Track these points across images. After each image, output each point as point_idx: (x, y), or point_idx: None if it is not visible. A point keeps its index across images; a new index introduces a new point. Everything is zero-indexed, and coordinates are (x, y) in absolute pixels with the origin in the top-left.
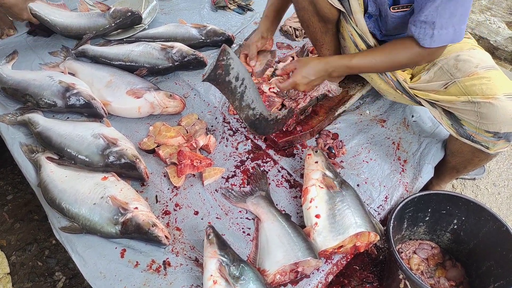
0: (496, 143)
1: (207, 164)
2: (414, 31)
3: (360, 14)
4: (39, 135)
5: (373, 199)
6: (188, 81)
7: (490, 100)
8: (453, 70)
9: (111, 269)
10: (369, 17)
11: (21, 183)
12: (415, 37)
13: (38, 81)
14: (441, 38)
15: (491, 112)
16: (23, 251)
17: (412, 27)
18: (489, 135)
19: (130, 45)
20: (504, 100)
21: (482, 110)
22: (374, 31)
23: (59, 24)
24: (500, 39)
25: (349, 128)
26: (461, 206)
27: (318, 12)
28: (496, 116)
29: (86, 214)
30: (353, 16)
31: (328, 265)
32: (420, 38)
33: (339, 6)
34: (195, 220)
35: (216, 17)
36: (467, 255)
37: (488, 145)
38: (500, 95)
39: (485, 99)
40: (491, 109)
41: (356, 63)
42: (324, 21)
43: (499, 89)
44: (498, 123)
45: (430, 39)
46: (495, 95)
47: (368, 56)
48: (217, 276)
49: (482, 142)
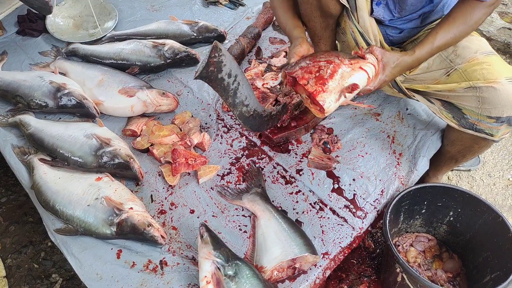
0: (499, 129)
1: (202, 162)
2: None
3: (365, 11)
4: (31, 136)
5: (369, 193)
6: (181, 78)
7: (492, 84)
8: (452, 57)
9: (107, 270)
10: (378, 3)
11: (14, 185)
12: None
13: (28, 82)
14: None
15: (493, 96)
16: (19, 254)
17: None
18: (491, 121)
19: (121, 43)
20: (505, 83)
21: (484, 94)
22: (383, 18)
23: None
24: (493, 29)
25: (344, 123)
26: (457, 198)
27: (322, 7)
28: (499, 100)
29: (80, 215)
30: (356, 13)
31: (325, 261)
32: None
33: (344, 2)
34: (191, 218)
35: (208, 13)
36: (464, 247)
37: (492, 132)
38: (502, 79)
39: (486, 83)
40: (493, 93)
41: (440, 43)
42: (326, 16)
43: (500, 73)
44: (500, 107)
45: None
46: (497, 79)
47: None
48: (211, 279)
49: (486, 130)
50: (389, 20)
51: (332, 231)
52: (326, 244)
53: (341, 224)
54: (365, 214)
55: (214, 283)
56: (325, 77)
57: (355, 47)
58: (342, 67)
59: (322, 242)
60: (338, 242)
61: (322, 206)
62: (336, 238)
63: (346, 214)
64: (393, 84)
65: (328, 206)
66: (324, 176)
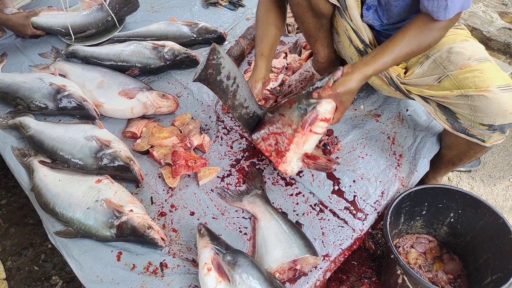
0: (492, 136)
1: (202, 164)
2: (427, 5)
3: (356, 10)
4: (31, 138)
5: (370, 195)
6: (181, 80)
7: (483, 93)
8: (446, 63)
9: (107, 272)
10: (368, 8)
11: (14, 187)
12: (429, 11)
13: (28, 84)
14: (454, 6)
15: (485, 105)
16: (19, 256)
17: (424, 1)
18: (484, 128)
19: (121, 44)
20: (497, 92)
21: (476, 103)
22: (373, 23)
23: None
24: (493, 29)
25: (343, 124)
26: (457, 199)
27: (313, 7)
28: (490, 109)
29: (80, 218)
30: (348, 12)
31: (326, 263)
32: (434, 11)
33: (334, 1)
34: (192, 220)
35: (208, 14)
36: (465, 248)
37: (484, 138)
38: (493, 87)
39: (478, 92)
40: (484, 102)
41: (383, 62)
42: (318, 16)
43: (491, 81)
44: (492, 115)
45: (445, 11)
46: (488, 87)
47: (392, 50)
48: (211, 264)
49: (478, 136)
50: (379, 25)
51: (333, 233)
52: (326, 246)
53: (341, 226)
54: (365, 215)
55: (215, 268)
56: (282, 150)
57: (350, 45)
58: (295, 138)
59: (323, 244)
60: (338, 244)
61: (322, 207)
62: (337, 240)
63: (347, 216)
64: (390, 82)
65: (328, 208)
66: (324, 177)
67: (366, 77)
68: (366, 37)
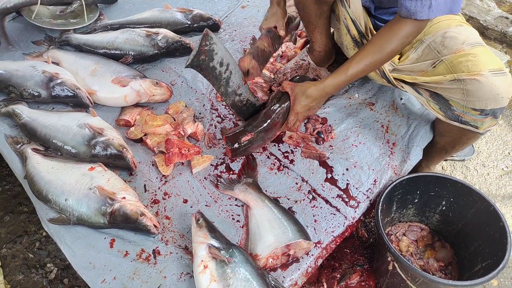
0: (484, 121)
1: (195, 152)
2: (410, 6)
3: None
4: (24, 126)
5: (362, 183)
6: (175, 68)
7: (475, 77)
8: (440, 48)
9: (100, 259)
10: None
11: (9, 175)
12: (411, 12)
13: (21, 72)
14: (439, 7)
15: (477, 89)
16: (14, 244)
17: (406, 2)
18: (476, 113)
19: (115, 32)
20: (489, 76)
21: (468, 87)
22: (369, 5)
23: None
24: (490, 18)
25: (338, 112)
26: (449, 187)
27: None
28: (482, 93)
29: (73, 205)
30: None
31: (317, 249)
32: (418, 11)
33: None
34: (185, 208)
35: (202, 1)
36: (456, 236)
37: (477, 124)
38: (485, 71)
39: (470, 76)
40: (476, 86)
41: (353, 72)
42: (320, 2)
43: (484, 65)
44: (484, 99)
45: (429, 10)
46: (480, 71)
47: (362, 59)
48: (208, 260)
49: (471, 122)
50: (374, 9)
51: (325, 220)
52: (318, 233)
53: (333, 213)
54: (357, 203)
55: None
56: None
57: (347, 34)
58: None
59: (315, 231)
60: (330, 231)
61: (315, 195)
62: (329, 227)
63: (339, 204)
64: (381, 74)
65: (321, 196)
66: (317, 166)
67: (326, 88)
68: (362, 25)
